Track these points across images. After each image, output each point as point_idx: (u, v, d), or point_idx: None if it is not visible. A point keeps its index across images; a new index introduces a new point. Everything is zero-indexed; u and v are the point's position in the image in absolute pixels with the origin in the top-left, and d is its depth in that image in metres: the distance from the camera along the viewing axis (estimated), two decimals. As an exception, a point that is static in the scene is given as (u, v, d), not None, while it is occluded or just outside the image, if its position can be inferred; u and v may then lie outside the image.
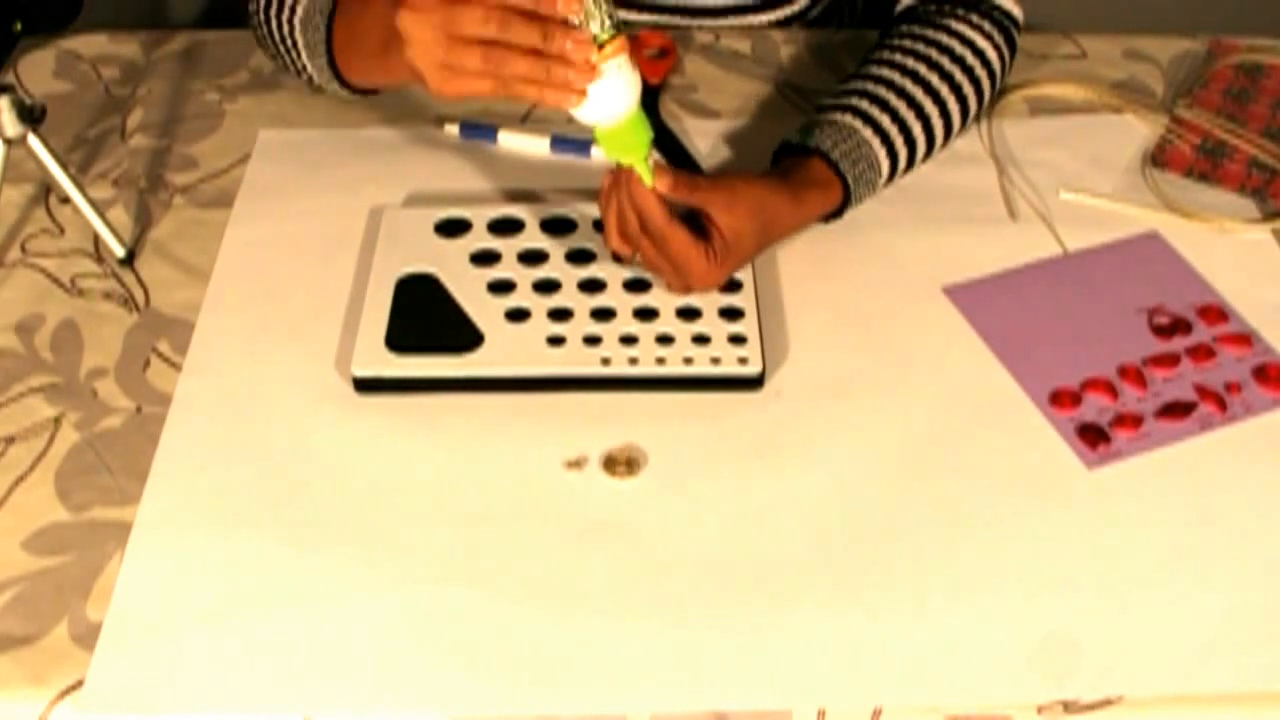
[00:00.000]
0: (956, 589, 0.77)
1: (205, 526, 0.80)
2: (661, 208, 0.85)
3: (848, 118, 0.95)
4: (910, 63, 0.99)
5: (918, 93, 0.98)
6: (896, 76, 0.98)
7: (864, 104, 0.96)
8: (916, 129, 0.97)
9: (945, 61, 0.99)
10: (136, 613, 0.75)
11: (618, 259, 0.92)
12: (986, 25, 1.02)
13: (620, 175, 0.86)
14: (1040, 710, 0.72)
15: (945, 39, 1.00)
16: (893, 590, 0.77)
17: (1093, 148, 1.06)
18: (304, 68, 1.01)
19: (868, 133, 0.95)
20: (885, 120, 0.96)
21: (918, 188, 1.01)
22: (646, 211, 0.85)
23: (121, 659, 0.73)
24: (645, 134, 0.83)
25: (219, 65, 1.14)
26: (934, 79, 0.98)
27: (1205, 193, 1.02)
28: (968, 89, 1.00)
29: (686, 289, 0.90)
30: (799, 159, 0.94)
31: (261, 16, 1.03)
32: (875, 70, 0.99)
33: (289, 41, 1.01)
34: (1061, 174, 1.03)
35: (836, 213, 0.95)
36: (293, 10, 0.99)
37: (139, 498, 0.81)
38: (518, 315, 0.89)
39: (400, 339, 0.88)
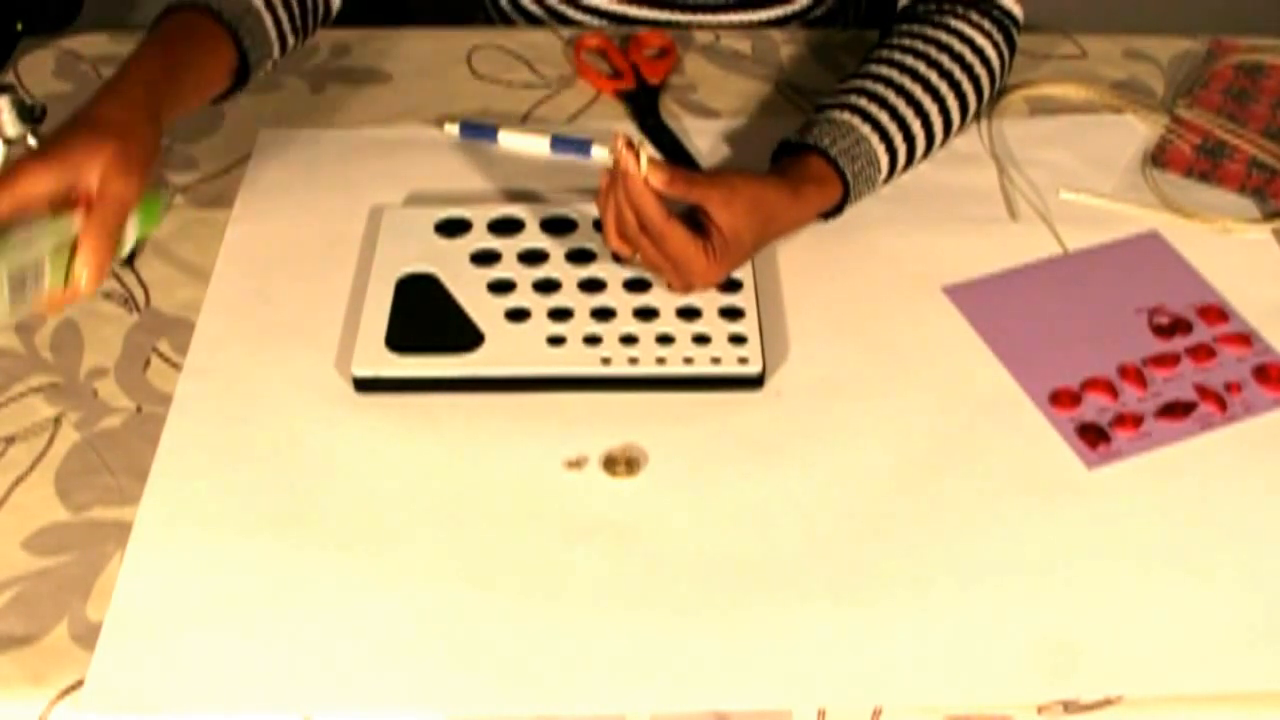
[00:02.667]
0: (956, 589, 0.77)
1: (205, 526, 0.80)
2: (659, 206, 0.85)
3: (846, 115, 0.95)
4: (910, 61, 0.99)
5: (917, 90, 0.98)
6: (896, 74, 0.98)
7: (863, 101, 0.96)
8: (916, 126, 0.97)
9: (945, 59, 0.99)
10: (136, 613, 0.75)
11: (618, 259, 0.92)
12: (986, 24, 1.02)
13: (618, 175, 0.86)
14: (1040, 710, 0.72)
15: (945, 37, 1.00)
16: (893, 590, 0.76)
17: (1093, 148, 1.05)
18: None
19: (866, 130, 0.95)
20: (884, 118, 0.96)
21: (918, 187, 1.01)
22: (644, 210, 0.85)
23: (121, 659, 0.73)
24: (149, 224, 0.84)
25: (219, 65, 1.14)
26: (933, 77, 0.98)
27: (1205, 193, 1.02)
28: (967, 87, 1.00)
29: (686, 287, 0.89)
30: (798, 156, 0.94)
31: None
32: (874, 68, 0.99)
33: None
34: (1061, 174, 1.03)
35: (836, 210, 0.95)
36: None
37: (139, 498, 0.81)
38: (518, 315, 0.89)
39: (400, 339, 0.88)
